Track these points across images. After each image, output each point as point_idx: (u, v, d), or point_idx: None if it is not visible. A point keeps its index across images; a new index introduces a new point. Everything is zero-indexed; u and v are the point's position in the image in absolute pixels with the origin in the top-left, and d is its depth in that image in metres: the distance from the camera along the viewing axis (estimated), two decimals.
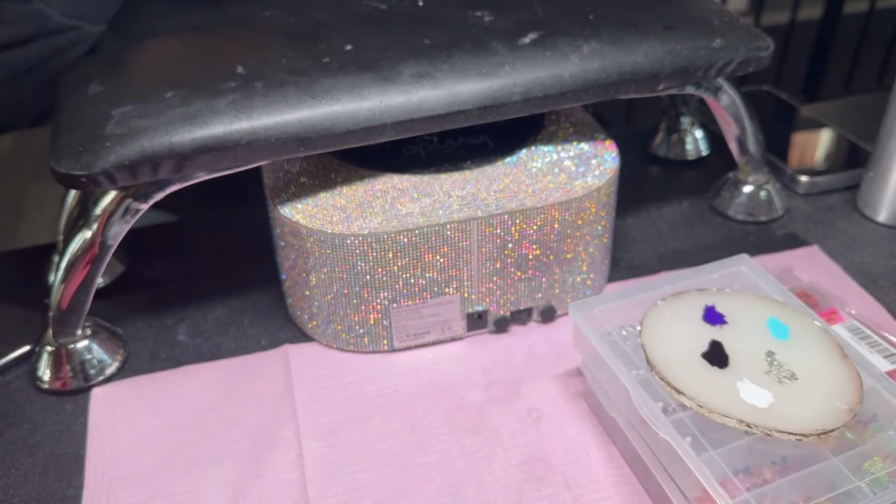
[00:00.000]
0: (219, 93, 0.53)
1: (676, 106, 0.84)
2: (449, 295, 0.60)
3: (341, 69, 0.55)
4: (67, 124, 0.53)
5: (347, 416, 0.57)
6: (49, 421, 0.57)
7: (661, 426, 0.45)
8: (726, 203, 0.76)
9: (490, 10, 0.62)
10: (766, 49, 0.61)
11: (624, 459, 0.53)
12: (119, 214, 0.54)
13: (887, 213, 0.74)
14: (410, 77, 0.55)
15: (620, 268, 0.69)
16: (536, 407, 0.57)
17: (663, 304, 0.52)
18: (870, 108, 0.88)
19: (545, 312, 0.63)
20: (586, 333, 0.51)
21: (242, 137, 0.52)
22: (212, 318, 0.66)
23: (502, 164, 0.59)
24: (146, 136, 0.51)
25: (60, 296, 0.56)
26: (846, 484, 0.43)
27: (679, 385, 0.46)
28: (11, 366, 0.61)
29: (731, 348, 0.49)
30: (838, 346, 0.49)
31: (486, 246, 0.58)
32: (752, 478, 0.45)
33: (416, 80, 0.55)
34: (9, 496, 0.52)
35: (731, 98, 0.68)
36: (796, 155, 0.82)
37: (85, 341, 0.60)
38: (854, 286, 0.67)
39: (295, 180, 0.59)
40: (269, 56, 0.57)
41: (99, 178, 0.50)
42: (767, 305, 0.52)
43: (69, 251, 0.55)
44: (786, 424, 0.44)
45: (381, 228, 0.55)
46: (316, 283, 0.58)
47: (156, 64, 0.58)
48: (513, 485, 0.52)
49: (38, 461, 0.54)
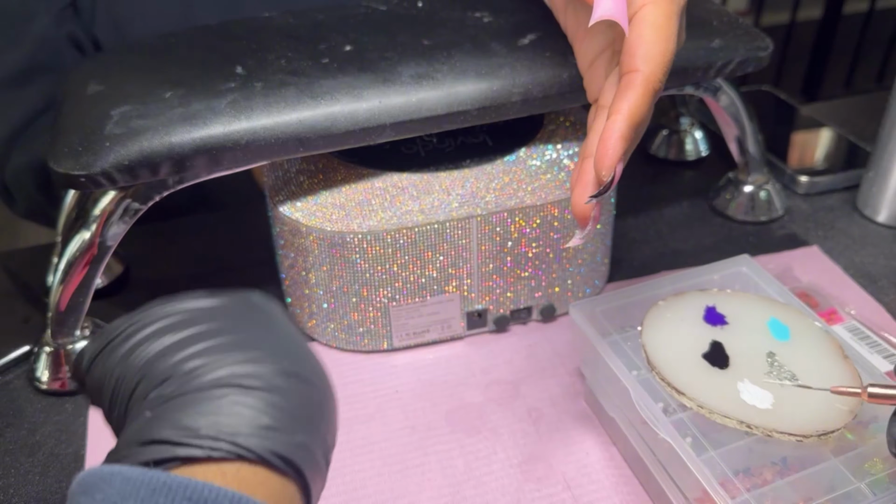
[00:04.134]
0: (218, 93, 0.53)
1: (676, 106, 0.84)
2: (448, 293, 0.59)
3: (341, 70, 0.55)
4: (67, 124, 0.53)
5: (347, 416, 0.57)
6: (49, 421, 0.57)
7: (661, 426, 0.45)
8: (726, 203, 0.76)
9: (489, 10, 0.62)
10: (765, 49, 0.61)
11: (624, 459, 0.53)
12: (118, 215, 0.54)
13: (887, 213, 0.74)
14: (410, 78, 0.55)
15: (620, 268, 0.69)
16: (536, 407, 0.57)
17: (664, 304, 0.52)
18: (870, 108, 0.88)
19: (545, 311, 0.63)
20: (587, 333, 0.51)
21: (242, 138, 0.52)
22: None
23: (502, 162, 0.59)
24: (145, 137, 0.51)
25: (59, 296, 0.56)
26: (846, 485, 0.43)
27: (679, 386, 0.46)
28: (11, 366, 0.61)
29: (732, 349, 0.49)
30: (839, 347, 0.49)
31: (485, 244, 0.58)
32: (753, 478, 0.45)
33: (415, 81, 0.55)
34: (9, 496, 0.52)
35: (731, 98, 0.68)
36: (796, 155, 0.82)
37: (84, 342, 0.59)
38: (854, 286, 0.67)
39: (294, 179, 0.59)
40: (269, 56, 0.57)
41: (98, 179, 0.50)
42: (768, 306, 0.52)
43: (68, 252, 0.55)
44: (786, 425, 0.44)
45: (381, 227, 0.55)
46: (315, 281, 0.58)
47: (155, 64, 0.58)
48: (513, 485, 0.52)
49: (37, 461, 0.54)
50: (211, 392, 0.30)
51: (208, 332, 0.32)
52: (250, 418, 0.30)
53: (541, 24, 0.59)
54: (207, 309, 0.34)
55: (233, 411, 0.30)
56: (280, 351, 0.33)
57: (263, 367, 0.32)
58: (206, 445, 0.29)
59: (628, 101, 0.38)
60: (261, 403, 0.31)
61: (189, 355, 0.32)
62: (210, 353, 0.32)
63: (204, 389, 0.30)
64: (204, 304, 0.34)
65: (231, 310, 0.34)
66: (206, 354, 0.32)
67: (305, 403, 0.32)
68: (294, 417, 0.31)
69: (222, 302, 0.34)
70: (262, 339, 0.33)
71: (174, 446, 0.29)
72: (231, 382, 0.31)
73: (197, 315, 0.33)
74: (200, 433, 0.29)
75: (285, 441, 0.31)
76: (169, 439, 0.29)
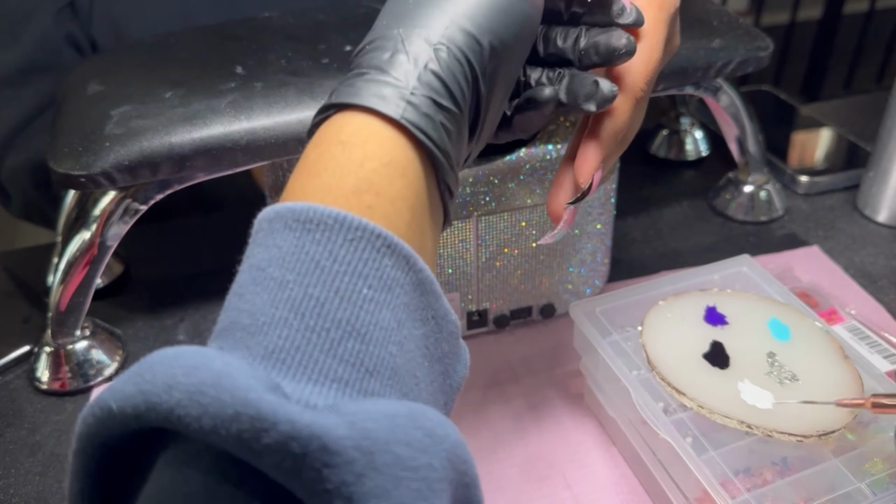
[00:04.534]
0: (218, 93, 0.53)
1: (676, 106, 0.84)
2: (448, 293, 0.59)
3: (340, 70, 0.55)
4: (67, 124, 0.53)
5: None
6: (49, 421, 0.57)
7: (661, 426, 0.45)
8: (726, 203, 0.76)
9: None
10: (765, 49, 0.61)
11: (624, 459, 0.53)
12: (118, 215, 0.54)
13: (887, 213, 0.74)
14: None
15: (620, 268, 0.69)
16: (536, 407, 0.57)
17: (664, 304, 0.52)
18: (870, 108, 0.88)
19: (545, 310, 0.62)
20: (587, 333, 0.51)
21: (242, 138, 0.52)
22: (212, 319, 0.65)
23: (502, 162, 0.59)
24: (146, 137, 0.51)
25: (59, 296, 0.56)
26: (846, 485, 0.43)
27: (680, 386, 0.46)
28: (11, 366, 0.61)
29: (732, 349, 0.49)
30: (839, 347, 0.49)
31: (485, 244, 0.58)
32: (753, 478, 0.45)
33: None
34: (9, 496, 0.52)
35: (731, 98, 0.68)
36: (796, 155, 0.82)
37: (84, 342, 0.59)
38: (854, 286, 0.67)
39: None
40: (269, 56, 0.57)
41: (98, 179, 0.50)
42: (768, 306, 0.52)
43: (68, 252, 0.55)
44: (786, 425, 0.44)
45: None
46: None
47: (155, 64, 0.58)
48: (513, 485, 0.52)
49: (37, 461, 0.54)
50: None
51: None
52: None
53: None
54: None
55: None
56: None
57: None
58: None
59: (609, 110, 0.37)
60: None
61: None
62: None
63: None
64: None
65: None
66: None
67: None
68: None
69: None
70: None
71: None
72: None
73: None
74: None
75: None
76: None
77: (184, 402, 0.23)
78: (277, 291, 0.27)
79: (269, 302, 0.27)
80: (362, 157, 0.29)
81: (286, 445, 0.23)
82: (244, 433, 0.23)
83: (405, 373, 0.28)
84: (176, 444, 0.25)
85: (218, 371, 0.24)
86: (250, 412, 0.23)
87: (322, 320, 0.26)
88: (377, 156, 0.30)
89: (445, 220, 0.35)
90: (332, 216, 0.28)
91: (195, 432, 0.23)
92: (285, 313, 0.26)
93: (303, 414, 0.23)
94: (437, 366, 0.31)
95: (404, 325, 0.28)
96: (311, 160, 0.31)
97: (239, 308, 0.28)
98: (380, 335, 0.27)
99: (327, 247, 0.27)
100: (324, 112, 0.32)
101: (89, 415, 0.26)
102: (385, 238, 0.28)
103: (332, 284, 0.27)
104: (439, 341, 0.31)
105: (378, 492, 0.23)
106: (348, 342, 0.26)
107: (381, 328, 0.27)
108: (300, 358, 0.26)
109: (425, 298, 0.30)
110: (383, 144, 0.30)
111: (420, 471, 0.24)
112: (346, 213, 0.28)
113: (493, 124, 0.36)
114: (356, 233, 0.28)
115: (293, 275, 0.27)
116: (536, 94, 0.36)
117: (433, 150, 0.31)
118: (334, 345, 0.26)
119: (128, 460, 0.27)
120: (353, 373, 0.26)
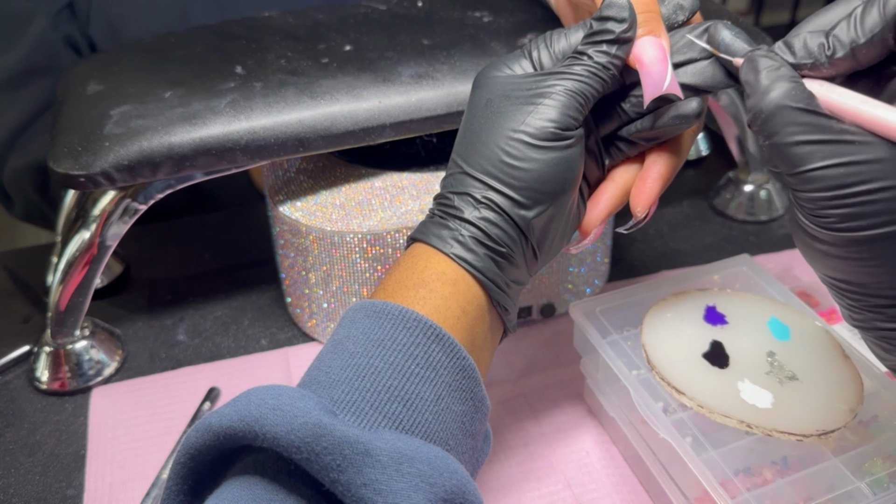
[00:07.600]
0: (218, 93, 0.53)
1: None
2: None
3: (340, 70, 0.55)
4: (66, 124, 0.53)
5: None
6: (49, 421, 0.57)
7: (661, 426, 0.45)
8: (726, 202, 0.76)
9: (489, 10, 0.61)
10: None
11: (624, 459, 0.53)
12: (118, 215, 0.54)
13: None
14: (409, 77, 0.55)
15: (620, 268, 0.69)
16: (536, 406, 0.57)
17: (664, 303, 0.52)
18: None
19: (545, 310, 0.62)
20: (587, 333, 0.51)
21: (241, 138, 0.52)
22: (211, 318, 0.65)
23: None
24: (145, 137, 0.51)
25: (59, 296, 0.56)
26: (846, 485, 0.43)
27: (680, 385, 0.46)
28: (11, 366, 0.61)
29: (732, 348, 0.49)
30: (839, 347, 0.49)
31: None
32: (753, 478, 0.45)
33: (415, 81, 0.55)
34: (9, 496, 0.52)
35: (731, 98, 0.68)
36: None
37: (83, 342, 0.59)
38: None
39: (294, 179, 0.59)
40: (269, 56, 0.57)
41: (98, 179, 0.50)
42: (768, 305, 0.52)
43: (68, 252, 0.55)
44: (786, 425, 0.44)
45: (381, 226, 0.55)
46: (315, 281, 0.58)
47: (155, 64, 0.58)
48: (513, 484, 0.52)
49: (37, 461, 0.54)
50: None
51: None
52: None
53: (541, 24, 0.59)
54: None
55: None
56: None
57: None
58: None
59: (678, 148, 0.43)
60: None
61: None
62: None
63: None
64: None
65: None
66: None
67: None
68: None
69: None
70: None
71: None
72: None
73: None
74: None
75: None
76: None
77: (267, 414, 0.32)
78: (348, 359, 0.36)
79: (340, 366, 0.36)
80: (423, 267, 0.39)
81: (339, 447, 0.31)
82: (307, 437, 0.31)
83: (438, 439, 0.35)
84: (249, 456, 0.34)
85: (293, 397, 0.33)
86: (313, 421, 0.31)
87: (375, 385, 0.35)
88: (433, 268, 0.39)
89: (506, 329, 0.43)
90: (398, 310, 0.37)
91: (271, 439, 0.31)
92: (350, 374, 0.35)
93: (352, 428, 0.32)
94: (469, 440, 0.38)
95: (443, 400, 0.36)
96: (397, 264, 0.41)
97: (318, 368, 0.37)
98: (419, 404, 0.35)
99: (390, 332, 0.36)
100: (412, 239, 0.41)
101: (193, 429, 0.34)
102: (434, 329, 0.37)
103: (388, 359, 0.35)
104: (475, 420, 0.38)
105: (401, 495, 0.31)
106: (392, 404, 0.35)
107: (421, 398, 0.35)
108: (354, 410, 0.34)
109: (467, 382, 0.37)
110: (439, 263, 0.39)
111: (435, 488, 0.32)
112: (408, 309, 0.37)
113: (554, 247, 0.42)
114: (413, 323, 0.36)
115: (361, 348, 0.36)
116: (683, 110, 0.41)
117: (476, 275, 0.39)
118: (382, 405, 0.34)
119: (211, 468, 0.35)
120: (393, 428, 0.34)
